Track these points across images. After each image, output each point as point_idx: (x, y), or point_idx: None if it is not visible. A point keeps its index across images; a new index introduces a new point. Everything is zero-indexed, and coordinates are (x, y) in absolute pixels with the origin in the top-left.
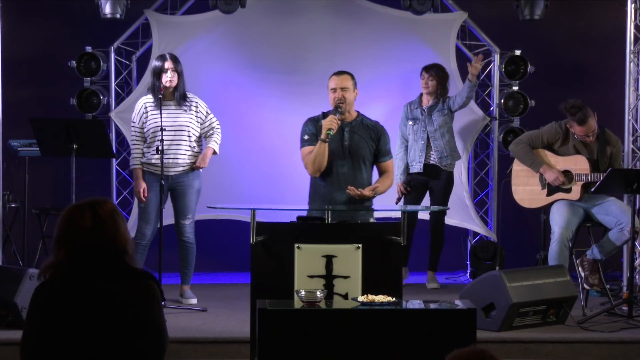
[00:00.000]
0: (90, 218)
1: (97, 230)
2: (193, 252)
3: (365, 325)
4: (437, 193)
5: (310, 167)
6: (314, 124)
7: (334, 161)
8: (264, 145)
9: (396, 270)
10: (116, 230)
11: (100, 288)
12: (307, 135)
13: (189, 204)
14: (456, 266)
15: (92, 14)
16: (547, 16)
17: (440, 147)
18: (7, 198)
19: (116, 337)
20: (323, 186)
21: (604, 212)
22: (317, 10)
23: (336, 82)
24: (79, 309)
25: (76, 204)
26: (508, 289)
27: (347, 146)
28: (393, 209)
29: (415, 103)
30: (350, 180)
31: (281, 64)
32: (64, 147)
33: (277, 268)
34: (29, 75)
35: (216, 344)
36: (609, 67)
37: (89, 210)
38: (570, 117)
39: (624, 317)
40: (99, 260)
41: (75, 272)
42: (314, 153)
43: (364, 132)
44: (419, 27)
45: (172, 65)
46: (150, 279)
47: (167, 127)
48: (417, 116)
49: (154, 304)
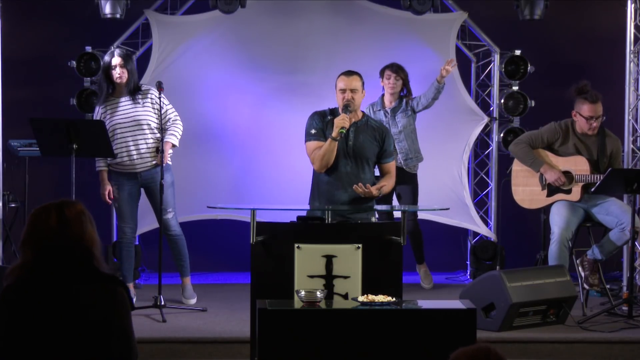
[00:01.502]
0: (55, 218)
1: (63, 230)
2: (183, 243)
3: (365, 325)
4: (406, 197)
5: (318, 163)
6: (321, 118)
7: (338, 160)
8: (264, 145)
9: (396, 270)
10: (82, 231)
11: (65, 289)
12: (314, 130)
13: (166, 198)
14: (456, 266)
15: (92, 14)
16: (547, 16)
17: (405, 149)
18: (7, 198)
19: (81, 340)
20: (326, 183)
21: (604, 212)
22: (317, 10)
23: (346, 82)
24: (44, 310)
25: (44, 204)
26: (508, 289)
27: (351, 146)
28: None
29: (378, 105)
30: (353, 180)
31: (281, 64)
32: (64, 147)
33: (277, 268)
34: (29, 75)
35: (216, 344)
36: (609, 67)
37: (55, 210)
38: (581, 96)
39: (624, 317)
40: (64, 261)
41: (40, 273)
42: (323, 150)
43: (369, 132)
44: (419, 27)
45: (121, 62)
46: (118, 285)
47: (125, 123)
48: (380, 118)
49: (121, 309)
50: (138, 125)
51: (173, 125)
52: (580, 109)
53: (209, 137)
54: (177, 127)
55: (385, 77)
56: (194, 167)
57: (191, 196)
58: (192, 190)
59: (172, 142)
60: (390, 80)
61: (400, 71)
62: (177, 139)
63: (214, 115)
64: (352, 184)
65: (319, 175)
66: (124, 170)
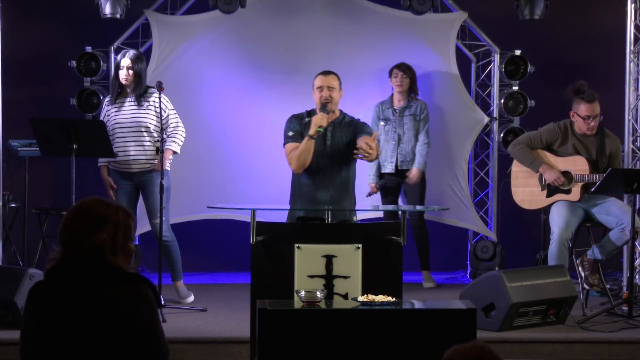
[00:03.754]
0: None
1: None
2: (175, 248)
3: (365, 325)
4: (412, 194)
5: (295, 163)
6: (298, 121)
7: (316, 159)
8: (264, 145)
9: (396, 270)
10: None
11: (91, 291)
12: (291, 132)
13: (156, 203)
14: (456, 266)
15: (92, 14)
16: (547, 16)
17: (404, 151)
18: (7, 198)
19: (108, 344)
20: (306, 185)
21: (604, 212)
22: (317, 10)
23: (323, 81)
24: (70, 312)
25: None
26: (508, 289)
27: (329, 145)
28: (393, 209)
29: (387, 103)
30: (333, 180)
31: (281, 64)
32: (64, 147)
33: (277, 268)
34: (29, 75)
35: (216, 344)
36: (609, 67)
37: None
38: (578, 96)
39: (624, 317)
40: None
41: (67, 274)
42: (300, 149)
43: (346, 130)
44: (419, 27)
45: (129, 64)
46: (143, 282)
47: (125, 124)
48: (388, 116)
49: (147, 308)
50: (137, 128)
51: (175, 132)
52: (578, 109)
53: (209, 136)
54: (179, 134)
55: (393, 75)
56: (194, 167)
57: (191, 196)
58: (192, 190)
59: (172, 149)
60: (397, 78)
61: (407, 70)
62: (178, 146)
63: (214, 115)
64: (332, 183)
65: (298, 177)
66: (120, 169)
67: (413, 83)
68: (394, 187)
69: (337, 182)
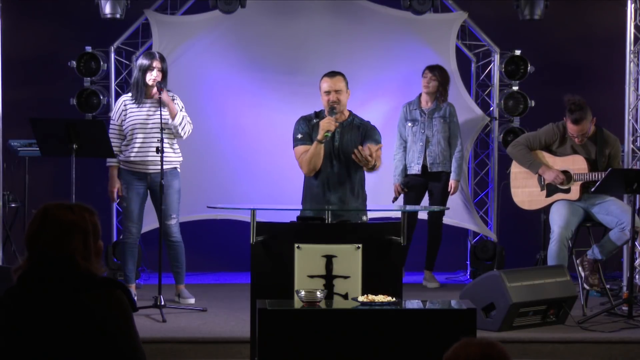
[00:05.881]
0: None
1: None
2: (182, 250)
3: (365, 325)
4: (436, 195)
5: (306, 167)
6: (306, 123)
7: (326, 161)
8: (264, 145)
9: (396, 270)
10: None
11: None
12: (300, 135)
13: (172, 204)
14: (456, 266)
15: (92, 14)
16: (547, 16)
17: (434, 153)
18: (7, 198)
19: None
20: (316, 186)
21: (604, 212)
22: (317, 10)
23: (329, 84)
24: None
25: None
26: (508, 289)
27: (337, 147)
28: (392, 208)
29: (414, 104)
30: (341, 181)
31: (281, 64)
32: (64, 147)
33: (277, 268)
34: (29, 75)
35: (216, 344)
36: (609, 67)
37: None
38: (567, 112)
39: (624, 317)
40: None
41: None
42: (310, 153)
43: (355, 132)
44: (419, 27)
45: (159, 65)
46: (117, 287)
47: (146, 124)
48: (416, 117)
49: (120, 312)
50: (157, 129)
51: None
52: (567, 123)
53: (209, 136)
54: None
55: (423, 75)
56: (194, 167)
57: (191, 196)
58: (192, 190)
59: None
60: (426, 79)
61: (438, 73)
62: (179, 110)
63: (214, 115)
64: (341, 184)
65: (309, 179)
66: (135, 169)
67: (442, 86)
68: (417, 187)
69: (346, 183)
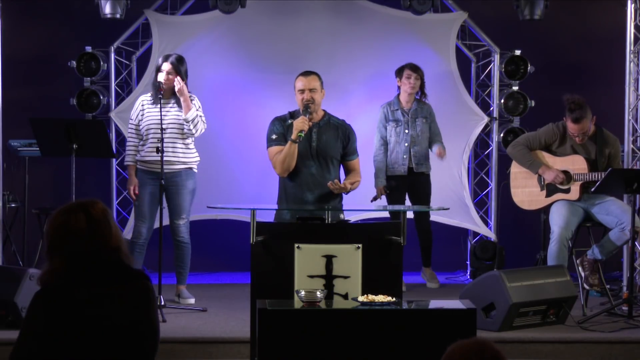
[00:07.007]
0: (84, 221)
1: (92, 232)
2: (188, 252)
3: (365, 325)
4: (420, 196)
5: (279, 167)
6: (281, 123)
7: (302, 161)
8: (264, 145)
9: (396, 270)
10: (109, 230)
11: (99, 293)
12: (274, 135)
13: (183, 204)
14: (456, 266)
15: (92, 14)
16: (547, 16)
17: (419, 153)
18: (7, 198)
19: (116, 341)
20: (292, 186)
21: (604, 212)
22: (317, 10)
23: (304, 83)
24: (79, 315)
25: (66, 207)
26: (508, 289)
27: (314, 147)
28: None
29: (395, 104)
30: (318, 181)
31: (281, 64)
32: (64, 147)
33: (277, 268)
34: (29, 75)
35: (216, 344)
36: (609, 67)
37: (82, 212)
38: (567, 111)
39: (624, 317)
40: (96, 264)
41: (73, 278)
42: (284, 153)
43: (332, 131)
44: (419, 27)
45: (170, 68)
46: (145, 278)
47: (164, 124)
48: (398, 118)
49: (151, 304)
50: (174, 130)
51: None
52: (567, 122)
53: (208, 136)
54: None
55: (405, 76)
56: None
57: None
58: None
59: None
60: (411, 80)
61: (419, 70)
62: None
63: (214, 115)
64: (318, 184)
65: (284, 179)
66: (151, 169)
67: (423, 84)
68: (401, 187)
69: (324, 182)
